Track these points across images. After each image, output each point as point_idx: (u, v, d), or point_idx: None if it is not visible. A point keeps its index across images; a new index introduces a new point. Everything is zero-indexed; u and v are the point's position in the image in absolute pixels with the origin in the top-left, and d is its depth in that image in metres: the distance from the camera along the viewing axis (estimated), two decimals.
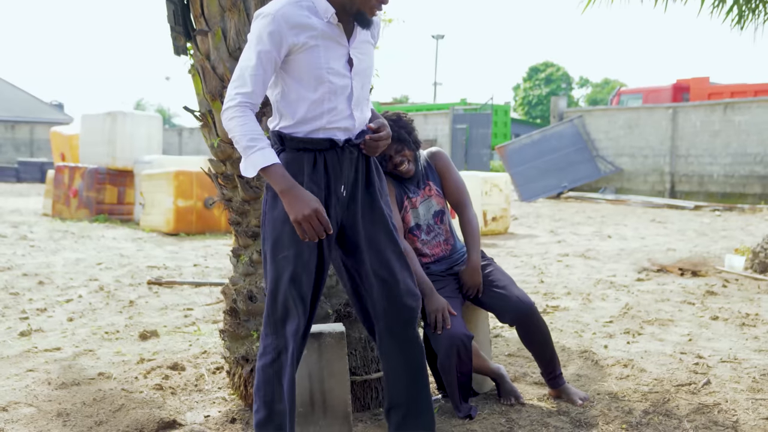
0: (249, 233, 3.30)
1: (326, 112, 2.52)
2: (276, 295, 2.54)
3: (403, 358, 2.71)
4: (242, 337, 3.24)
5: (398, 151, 3.41)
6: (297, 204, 2.41)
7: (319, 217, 2.42)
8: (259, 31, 2.42)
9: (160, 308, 5.64)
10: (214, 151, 3.29)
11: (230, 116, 2.43)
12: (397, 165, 3.41)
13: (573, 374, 3.96)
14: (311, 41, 2.45)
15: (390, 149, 3.39)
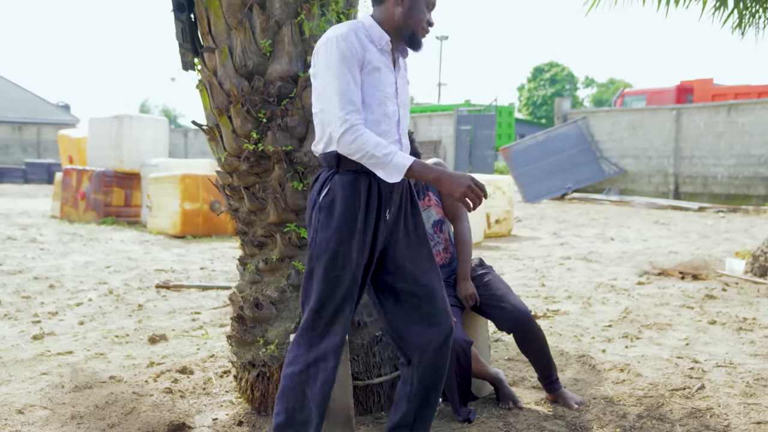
0: (255, 243, 3.41)
1: (380, 135, 2.57)
2: (321, 312, 2.56)
3: (426, 384, 2.74)
4: (249, 343, 3.36)
5: None
6: (455, 182, 2.48)
7: (477, 184, 2.49)
8: (338, 52, 2.47)
9: (168, 312, 5.76)
10: (221, 164, 3.41)
11: (352, 138, 2.44)
12: None
13: (570, 378, 4.06)
14: (375, 63, 2.55)
15: None
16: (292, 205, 3.26)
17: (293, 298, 3.30)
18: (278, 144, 3.21)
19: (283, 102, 3.23)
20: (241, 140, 3.27)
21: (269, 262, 3.34)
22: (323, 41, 2.53)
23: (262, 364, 3.29)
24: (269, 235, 3.36)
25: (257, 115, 3.22)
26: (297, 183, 3.23)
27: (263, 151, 3.23)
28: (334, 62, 2.47)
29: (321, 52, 2.52)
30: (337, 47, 2.47)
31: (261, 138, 3.23)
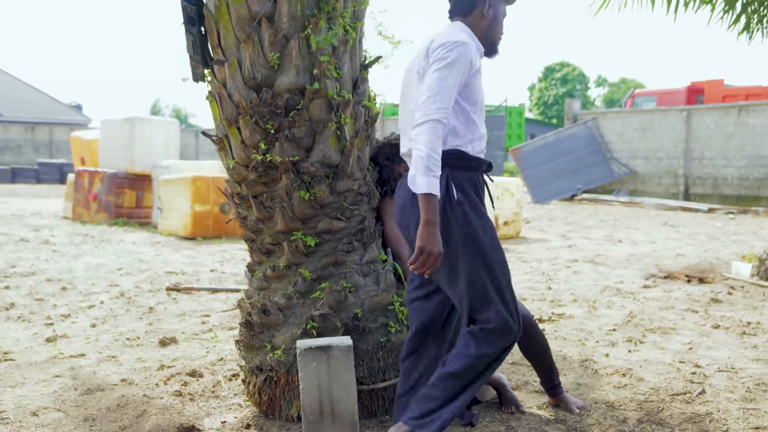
0: (263, 250, 3.49)
1: (483, 136, 2.79)
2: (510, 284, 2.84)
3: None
4: (257, 348, 3.44)
5: (407, 170, 3.62)
6: (435, 238, 2.58)
7: (437, 261, 2.60)
8: (456, 55, 2.64)
9: (178, 314, 5.86)
10: (230, 173, 3.49)
11: (429, 129, 2.57)
12: (400, 175, 3.63)
13: (572, 383, 4.13)
14: (479, 67, 2.77)
15: (400, 168, 3.61)
16: (299, 214, 3.34)
17: (300, 305, 3.38)
18: (285, 154, 3.29)
19: (290, 114, 3.31)
20: (249, 150, 3.35)
21: (276, 269, 3.42)
22: (449, 43, 2.66)
23: (269, 369, 3.38)
24: (276, 243, 3.44)
25: (265, 126, 3.30)
26: (304, 192, 3.31)
27: (271, 161, 3.32)
28: (449, 62, 2.64)
29: (440, 52, 2.66)
30: (461, 52, 2.65)
31: (269, 148, 3.31)
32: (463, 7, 2.85)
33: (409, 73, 2.92)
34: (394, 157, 3.65)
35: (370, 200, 3.57)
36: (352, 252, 3.46)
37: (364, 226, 3.51)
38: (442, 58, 2.64)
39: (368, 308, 3.40)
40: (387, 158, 3.66)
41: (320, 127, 3.33)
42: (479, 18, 2.84)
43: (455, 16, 2.87)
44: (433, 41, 2.73)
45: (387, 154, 3.66)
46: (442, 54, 2.65)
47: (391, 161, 3.65)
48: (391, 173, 3.64)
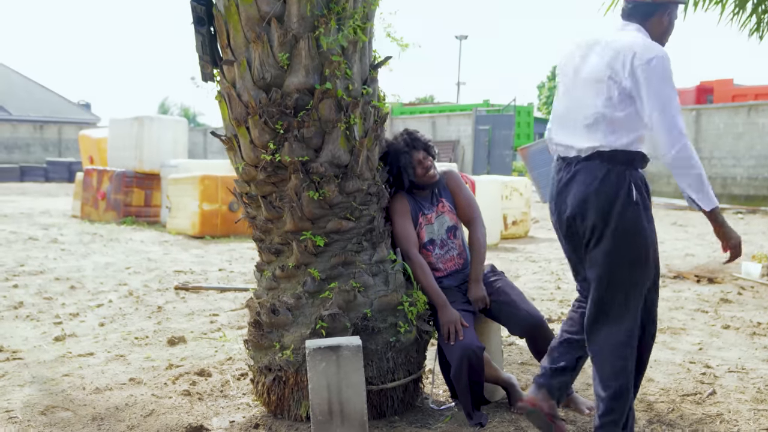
0: (272, 250, 3.49)
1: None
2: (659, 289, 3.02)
3: None
4: (265, 348, 3.44)
5: (425, 157, 3.63)
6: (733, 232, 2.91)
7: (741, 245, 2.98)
8: (670, 69, 2.78)
9: (187, 314, 5.87)
10: (239, 173, 3.49)
11: (689, 146, 2.78)
12: (427, 169, 3.63)
13: (582, 383, 4.11)
14: None
15: (419, 154, 3.61)
16: (308, 213, 3.34)
17: (309, 305, 3.37)
18: (295, 155, 3.29)
19: (299, 114, 3.30)
20: (258, 150, 3.35)
21: (286, 269, 3.42)
22: (655, 55, 2.75)
23: (278, 369, 3.37)
24: (286, 243, 3.44)
25: (274, 126, 3.29)
26: (313, 192, 3.30)
27: (280, 161, 3.31)
28: (669, 77, 2.76)
29: (656, 64, 2.74)
30: (669, 65, 2.76)
31: (278, 149, 3.31)
32: (644, 14, 2.91)
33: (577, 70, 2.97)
34: (413, 143, 3.65)
35: (380, 200, 3.56)
36: (362, 252, 3.45)
37: (373, 226, 3.50)
38: (665, 71, 2.76)
39: (377, 308, 3.39)
40: (407, 144, 3.65)
41: (329, 127, 3.33)
42: (657, 24, 2.92)
43: (632, 20, 2.93)
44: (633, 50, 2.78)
45: (406, 140, 3.66)
46: (665, 66, 2.77)
47: (411, 147, 3.64)
48: (410, 160, 3.62)
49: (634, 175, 2.84)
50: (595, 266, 2.89)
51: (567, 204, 2.92)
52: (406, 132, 3.71)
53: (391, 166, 3.64)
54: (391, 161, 3.64)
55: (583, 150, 2.87)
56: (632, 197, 2.81)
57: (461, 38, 46.59)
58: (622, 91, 2.79)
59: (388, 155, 3.65)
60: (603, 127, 2.82)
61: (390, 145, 3.67)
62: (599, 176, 2.82)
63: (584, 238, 2.89)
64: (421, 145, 3.67)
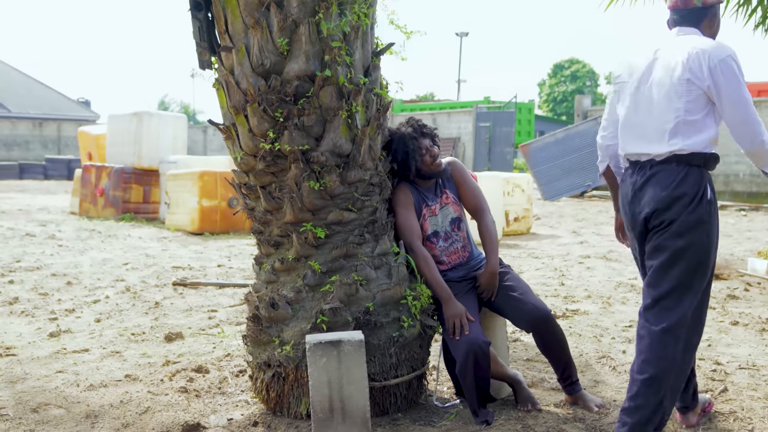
0: (271, 242, 3.38)
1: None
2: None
3: None
4: (264, 343, 3.33)
5: (431, 145, 3.55)
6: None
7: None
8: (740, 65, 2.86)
9: (184, 309, 5.76)
10: (237, 163, 3.38)
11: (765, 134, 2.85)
12: (435, 157, 3.54)
13: (590, 380, 4.00)
14: None
15: (423, 142, 3.51)
16: (309, 204, 3.23)
17: (309, 299, 3.27)
18: (295, 143, 3.18)
19: (299, 101, 3.20)
20: (257, 139, 3.24)
21: (285, 261, 3.31)
22: (728, 53, 2.84)
23: (277, 365, 3.27)
24: (285, 235, 3.33)
25: (274, 114, 3.19)
26: (313, 183, 3.19)
27: (280, 150, 3.21)
28: (741, 73, 2.85)
29: (730, 62, 2.82)
30: (738, 61, 2.86)
31: (277, 137, 3.20)
32: (698, 17, 2.99)
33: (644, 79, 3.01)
34: (421, 129, 3.55)
35: (382, 191, 3.45)
36: (364, 244, 3.34)
37: (375, 218, 3.39)
38: (738, 68, 2.84)
39: (380, 302, 3.29)
40: (414, 131, 3.54)
41: (330, 115, 3.22)
42: (709, 25, 3.01)
43: (687, 25, 3.00)
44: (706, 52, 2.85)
45: (414, 126, 3.55)
46: (737, 63, 2.85)
47: (419, 134, 3.53)
48: (418, 146, 3.52)
49: (708, 176, 2.94)
50: (661, 256, 2.94)
51: (643, 205, 2.98)
52: (413, 120, 3.60)
53: (396, 152, 3.52)
54: (396, 147, 3.52)
55: (661, 154, 2.94)
56: (708, 197, 2.91)
57: (462, 35, 46.48)
58: (701, 93, 2.87)
59: (393, 142, 3.54)
60: (683, 129, 2.89)
61: (395, 132, 3.55)
62: (678, 178, 2.90)
63: (658, 233, 2.95)
64: (428, 133, 3.58)
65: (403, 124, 3.58)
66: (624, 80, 3.07)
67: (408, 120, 3.60)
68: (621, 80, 3.09)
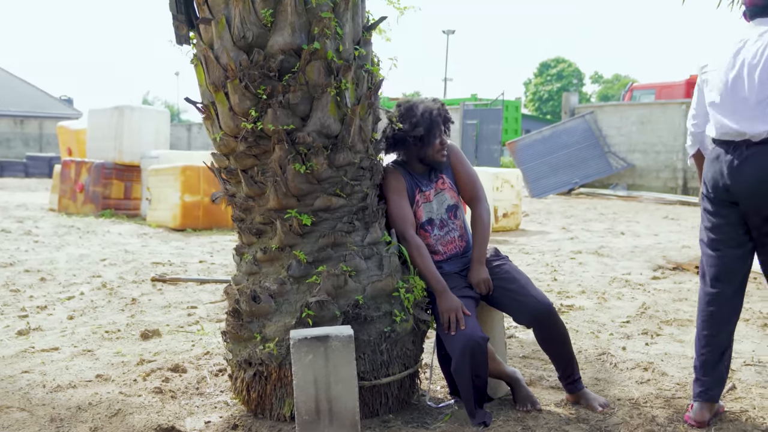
0: (253, 230, 3.13)
1: None
2: None
3: None
4: (245, 340, 3.08)
5: (444, 133, 3.35)
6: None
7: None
8: None
9: (163, 306, 5.49)
10: (216, 144, 3.13)
11: None
12: (443, 146, 3.34)
13: (591, 378, 3.79)
14: None
15: (440, 130, 3.30)
16: (294, 189, 2.98)
17: (294, 291, 3.02)
18: (279, 123, 2.94)
19: (284, 77, 2.95)
20: (238, 118, 2.99)
21: (268, 251, 3.06)
22: None
23: (259, 363, 3.01)
24: (268, 222, 3.08)
25: (256, 91, 2.94)
26: (299, 165, 2.95)
27: (262, 130, 2.96)
28: None
29: None
30: None
31: (260, 116, 2.96)
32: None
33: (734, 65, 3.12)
34: (446, 117, 3.35)
35: (373, 175, 3.21)
36: (353, 232, 3.10)
37: (366, 204, 3.15)
38: None
39: (370, 295, 3.04)
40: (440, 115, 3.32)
41: (318, 92, 2.97)
42: None
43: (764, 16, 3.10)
44: None
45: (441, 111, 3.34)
46: None
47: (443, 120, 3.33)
48: (439, 132, 3.31)
49: None
50: None
51: (741, 184, 3.08)
52: (442, 104, 3.39)
53: (417, 125, 3.27)
54: (419, 120, 3.27)
55: (757, 135, 3.03)
56: None
57: (449, 33, 46.26)
58: None
59: (416, 110, 3.28)
60: None
61: (422, 102, 3.33)
62: None
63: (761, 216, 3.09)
64: (449, 119, 3.40)
65: (432, 101, 3.35)
66: (712, 69, 3.21)
67: (437, 100, 3.38)
68: (709, 69, 3.23)
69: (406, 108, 3.32)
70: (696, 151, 3.47)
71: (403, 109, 3.33)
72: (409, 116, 3.29)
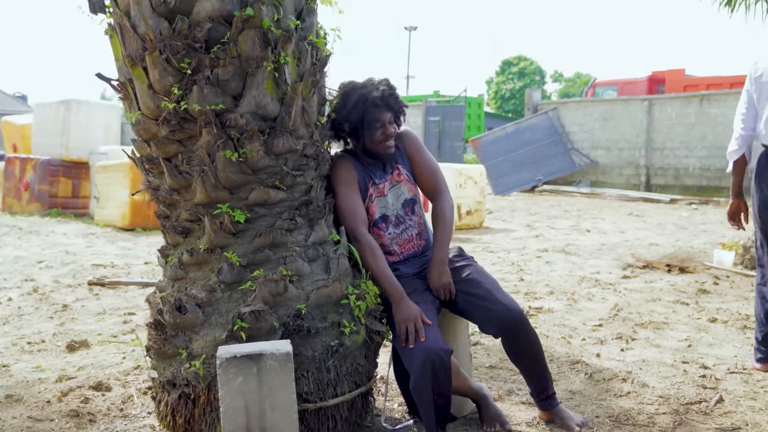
0: (178, 229, 2.70)
1: None
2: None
3: None
4: (169, 356, 2.64)
5: (391, 122, 2.91)
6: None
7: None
8: None
9: (97, 313, 5.01)
10: (135, 128, 2.69)
11: None
12: (387, 137, 2.91)
13: (565, 391, 3.42)
14: None
15: (385, 115, 2.86)
16: (225, 180, 2.55)
17: (225, 300, 2.59)
18: (206, 102, 2.51)
19: (213, 49, 2.52)
20: (159, 98, 2.55)
21: (195, 253, 2.63)
22: None
23: (184, 384, 2.58)
24: (196, 220, 2.65)
25: (179, 65, 2.51)
26: (230, 152, 2.52)
27: (187, 111, 2.53)
28: None
29: None
30: None
31: (184, 95, 2.52)
32: None
33: None
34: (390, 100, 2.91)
35: (319, 165, 2.79)
36: (295, 230, 2.68)
37: (310, 198, 2.73)
38: None
39: (315, 303, 2.62)
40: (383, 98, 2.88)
41: (252, 66, 2.55)
42: None
43: None
44: None
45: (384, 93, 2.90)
46: None
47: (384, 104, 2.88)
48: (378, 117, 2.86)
49: None
50: None
51: None
52: (388, 84, 2.94)
53: (350, 113, 2.87)
54: (352, 109, 2.85)
55: None
56: None
57: (410, 29, 45.93)
58: None
59: (349, 98, 2.86)
60: None
61: (357, 87, 2.89)
62: None
63: None
64: (394, 107, 2.93)
65: (375, 84, 2.91)
66: (765, 80, 3.41)
67: (383, 81, 2.94)
68: (763, 80, 3.41)
69: (341, 94, 2.90)
70: (741, 156, 3.64)
71: (339, 95, 2.91)
72: (343, 104, 2.88)
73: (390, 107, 2.90)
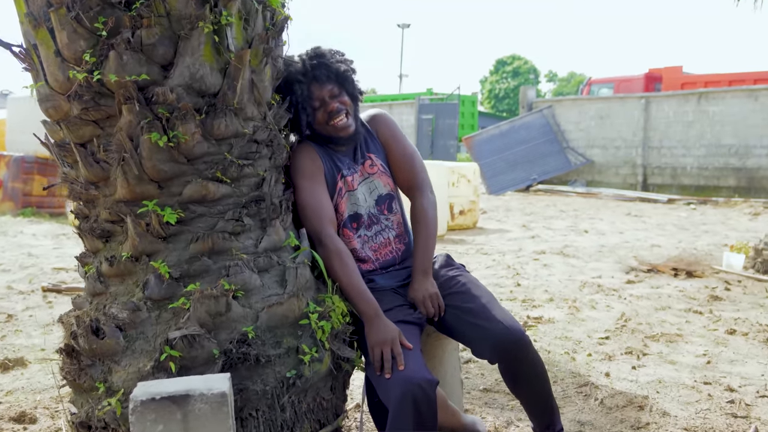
0: (98, 231, 2.17)
1: None
2: None
3: None
4: (85, 390, 2.11)
5: (334, 96, 2.37)
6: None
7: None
8: None
9: (45, 324, 4.48)
10: (43, 106, 2.17)
11: None
12: (331, 115, 2.36)
13: (573, 421, 2.91)
14: None
15: (321, 90, 2.34)
16: (151, 171, 2.03)
17: (152, 321, 2.06)
18: (126, 72, 1.98)
19: (134, 5, 2.00)
20: (68, 66, 2.03)
21: (116, 261, 2.10)
22: None
23: (102, 426, 2.05)
24: (117, 220, 2.13)
25: (93, 25, 1.98)
26: (157, 136, 2.00)
27: (103, 83, 2.00)
28: None
29: None
30: None
31: (100, 62, 2.00)
32: None
33: None
34: (316, 70, 2.37)
35: (274, 153, 2.27)
36: (242, 234, 2.16)
37: (262, 194, 2.20)
38: None
39: (266, 324, 2.10)
40: (305, 71, 2.36)
41: (186, 28, 2.02)
42: None
43: None
44: None
45: (306, 64, 2.37)
46: None
47: (310, 78, 2.35)
48: (308, 96, 2.34)
49: None
50: None
51: None
52: (313, 51, 2.41)
53: (284, 97, 2.34)
54: (284, 94, 2.35)
55: None
56: None
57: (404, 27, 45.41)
58: None
59: (286, 77, 2.35)
60: None
61: (287, 66, 2.37)
62: None
63: None
64: (326, 76, 2.38)
65: (306, 54, 2.39)
66: None
67: (308, 51, 2.42)
68: None
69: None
70: None
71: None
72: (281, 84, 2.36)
73: (319, 79, 2.37)
